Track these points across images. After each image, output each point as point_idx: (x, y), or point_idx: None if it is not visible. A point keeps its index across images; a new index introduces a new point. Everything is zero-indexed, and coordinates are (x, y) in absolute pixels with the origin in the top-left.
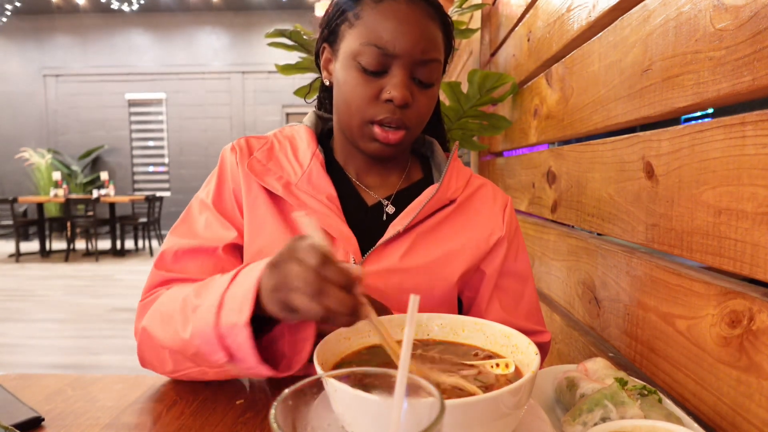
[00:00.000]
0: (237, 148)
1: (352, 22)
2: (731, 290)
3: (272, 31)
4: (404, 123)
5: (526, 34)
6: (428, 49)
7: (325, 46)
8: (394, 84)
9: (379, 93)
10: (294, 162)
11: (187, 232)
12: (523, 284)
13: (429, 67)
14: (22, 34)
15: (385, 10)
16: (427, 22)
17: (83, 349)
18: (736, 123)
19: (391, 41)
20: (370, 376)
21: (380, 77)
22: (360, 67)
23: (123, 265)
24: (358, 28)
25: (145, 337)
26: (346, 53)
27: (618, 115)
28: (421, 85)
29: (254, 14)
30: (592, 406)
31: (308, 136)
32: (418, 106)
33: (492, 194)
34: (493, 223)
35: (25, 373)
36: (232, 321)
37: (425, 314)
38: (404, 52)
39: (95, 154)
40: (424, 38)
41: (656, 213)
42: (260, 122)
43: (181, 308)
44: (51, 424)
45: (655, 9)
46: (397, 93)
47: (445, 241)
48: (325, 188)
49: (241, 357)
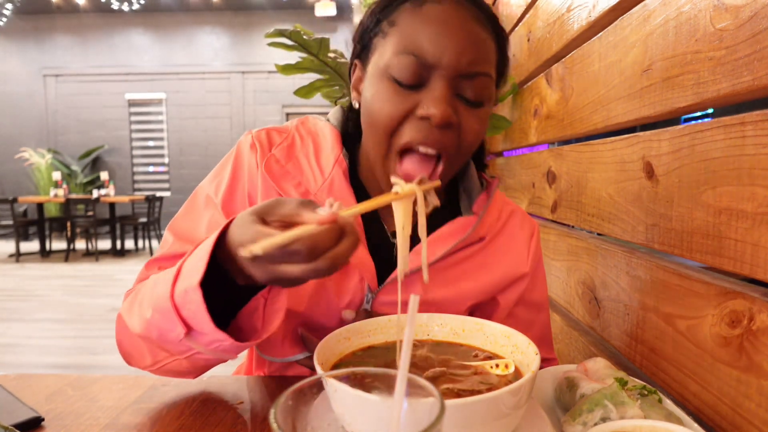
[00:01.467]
0: (257, 145)
1: (386, 31)
2: (731, 290)
3: (272, 31)
4: (444, 147)
5: (526, 34)
6: (477, 60)
7: (357, 63)
8: (433, 98)
9: (414, 108)
10: (315, 166)
11: (188, 230)
12: (537, 313)
13: (477, 81)
14: (22, 34)
15: (425, 14)
16: (476, 28)
17: (83, 349)
18: (736, 123)
19: (430, 48)
20: (370, 376)
21: (417, 91)
22: (392, 79)
23: (123, 265)
24: (393, 37)
25: (121, 325)
26: (378, 66)
27: (618, 115)
28: (467, 104)
29: (254, 14)
30: (592, 406)
31: (333, 137)
32: (463, 128)
33: (520, 223)
34: (518, 259)
35: (25, 373)
36: (184, 286)
37: (425, 314)
38: (447, 61)
39: (95, 154)
40: (472, 46)
41: (656, 213)
42: (260, 122)
43: (150, 290)
44: (51, 424)
45: (655, 9)
46: (436, 109)
47: (465, 280)
48: (347, 202)
49: (198, 327)
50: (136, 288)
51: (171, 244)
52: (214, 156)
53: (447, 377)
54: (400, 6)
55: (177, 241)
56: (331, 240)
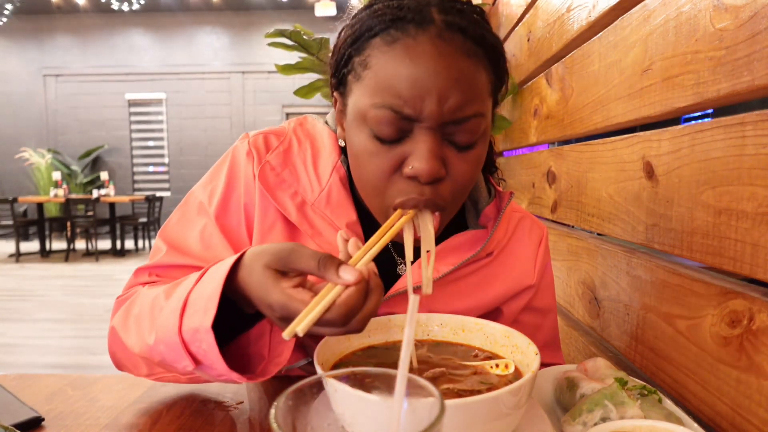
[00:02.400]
0: (254, 153)
1: (359, 73)
2: (731, 290)
3: (272, 31)
4: (436, 204)
5: (526, 34)
6: (464, 103)
7: (336, 95)
8: (418, 154)
9: (400, 164)
10: (312, 173)
11: (180, 239)
12: (543, 318)
13: (467, 125)
14: (22, 34)
15: (399, 55)
16: (461, 62)
17: (83, 349)
18: (736, 123)
19: (409, 99)
20: (370, 376)
21: (401, 143)
22: (372, 134)
23: (123, 265)
24: (368, 82)
25: (115, 339)
26: (355, 111)
27: (618, 115)
28: (458, 148)
29: (254, 14)
30: (592, 406)
31: (330, 142)
32: (455, 176)
33: (528, 231)
34: (525, 271)
35: (25, 373)
36: (195, 325)
37: (425, 314)
38: (429, 113)
39: (95, 154)
40: (457, 88)
41: (656, 213)
42: (260, 122)
43: (150, 310)
44: (51, 424)
45: (655, 9)
46: (423, 166)
47: (470, 294)
48: (346, 212)
49: (209, 363)
50: (128, 299)
51: (163, 253)
52: (214, 156)
53: (447, 377)
54: (371, 41)
55: (170, 250)
56: (361, 300)
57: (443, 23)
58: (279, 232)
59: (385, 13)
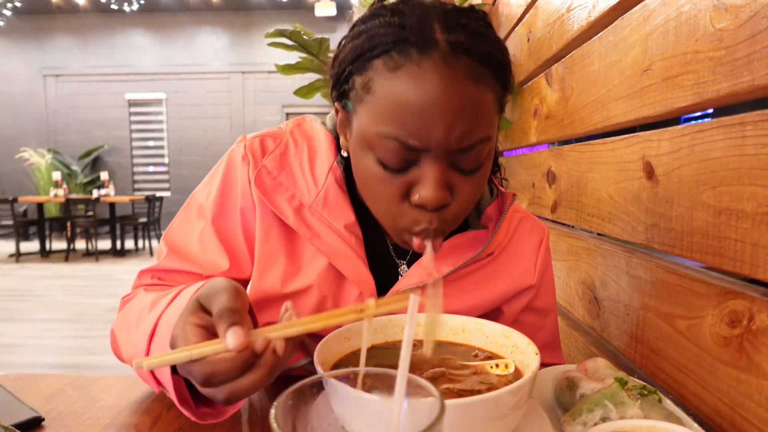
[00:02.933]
0: (250, 157)
1: (361, 96)
2: (731, 290)
3: (272, 31)
4: (443, 230)
5: (526, 34)
6: (471, 131)
7: (338, 107)
8: (425, 184)
9: (407, 191)
10: (308, 174)
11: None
12: (543, 318)
13: (474, 151)
14: (22, 34)
15: (403, 84)
16: (468, 87)
17: (83, 349)
18: (736, 123)
19: (415, 131)
20: (370, 376)
21: (407, 171)
22: (378, 160)
23: (123, 265)
24: (371, 107)
25: (114, 340)
26: (360, 135)
27: (618, 115)
28: (463, 173)
29: (254, 14)
30: (592, 406)
31: (327, 143)
32: (461, 199)
33: (529, 231)
34: (526, 271)
35: (25, 373)
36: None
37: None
38: (436, 143)
39: (95, 154)
40: (464, 117)
41: (656, 213)
42: (260, 122)
43: (136, 321)
44: (51, 424)
45: (655, 9)
46: (430, 195)
47: (470, 294)
48: (344, 214)
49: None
50: (129, 301)
51: (164, 256)
52: (214, 156)
53: (447, 377)
54: (372, 62)
55: (170, 253)
56: (232, 371)
57: (447, 45)
58: (277, 236)
59: (387, 33)
